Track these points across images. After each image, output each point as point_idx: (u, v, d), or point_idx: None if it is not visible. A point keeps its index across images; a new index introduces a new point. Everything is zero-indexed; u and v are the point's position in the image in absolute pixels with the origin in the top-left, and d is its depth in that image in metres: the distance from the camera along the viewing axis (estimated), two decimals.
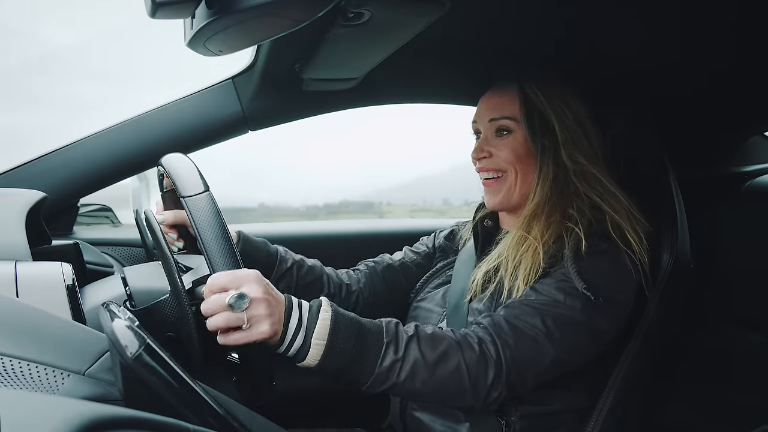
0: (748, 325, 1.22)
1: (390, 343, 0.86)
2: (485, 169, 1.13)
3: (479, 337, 0.92)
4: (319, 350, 0.82)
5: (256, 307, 0.79)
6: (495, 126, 1.12)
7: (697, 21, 1.03)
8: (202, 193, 0.84)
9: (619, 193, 1.05)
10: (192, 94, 1.40)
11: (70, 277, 0.88)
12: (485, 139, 1.13)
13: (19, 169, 1.33)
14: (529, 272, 1.00)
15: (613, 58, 1.23)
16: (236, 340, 0.79)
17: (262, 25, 0.71)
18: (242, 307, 0.78)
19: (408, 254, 1.35)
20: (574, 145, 1.07)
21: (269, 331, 0.80)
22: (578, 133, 1.08)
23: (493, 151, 1.12)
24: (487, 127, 1.13)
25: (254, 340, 0.80)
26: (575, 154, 1.07)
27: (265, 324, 0.79)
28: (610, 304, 0.97)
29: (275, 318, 0.81)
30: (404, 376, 0.86)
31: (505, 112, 1.11)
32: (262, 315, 0.79)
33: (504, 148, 1.11)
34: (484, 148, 1.12)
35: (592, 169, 1.07)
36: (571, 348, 0.96)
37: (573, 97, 1.10)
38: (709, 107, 1.36)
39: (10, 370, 0.60)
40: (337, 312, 0.86)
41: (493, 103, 1.13)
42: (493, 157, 1.12)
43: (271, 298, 0.81)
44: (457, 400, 0.92)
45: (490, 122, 1.12)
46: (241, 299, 0.78)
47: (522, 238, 1.05)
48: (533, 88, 1.09)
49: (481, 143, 1.14)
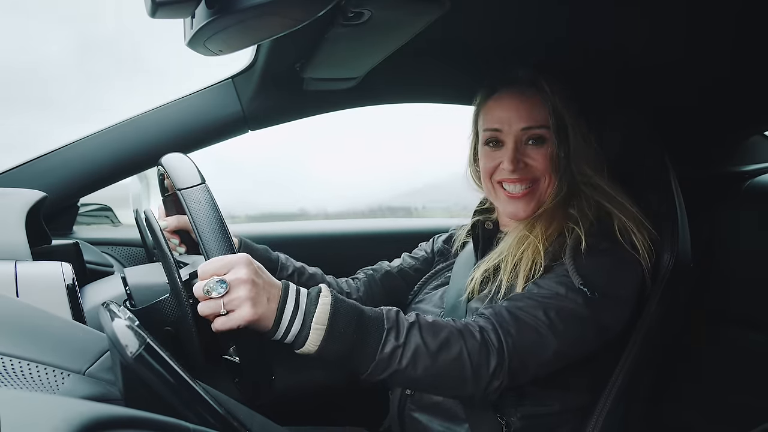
0: (748, 325, 1.22)
1: (391, 329, 0.85)
2: (520, 180, 1.08)
3: (480, 326, 0.92)
4: (318, 335, 0.81)
5: (236, 291, 0.78)
6: (528, 135, 1.07)
7: (699, 21, 1.04)
8: (198, 185, 0.84)
9: (624, 200, 1.05)
10: (192, 93, 1.40)
11: (70, 276, 0.88)
12: (517, 149, 1.07)
13: (19, 169, 1.34)
14: (530, 269, 1.00)
15: (615, 58, 1.23)
16: (220, 326, 0.78)
17: (262, 24, 0.71)
18: (220, 292, 0.77)
19: (406, 260, 1.36)
20: (584, 155, 1.07)
21: (252, 314, 0.78)
22: (589, 143, 1.09)
23: (528, 161, 1.08)
24: (518, 136, 1.08)
25: (237, 325, 0.78)
26: (583, 166, 1.07)
27: (246, 307, 0.77)
28: (610, 300, 0.97)
29: (260, 300, 0.79)
30: (406, 363, 0.85)
31: (539, 120, 1.06)
32: (243, 297, 0.78)
33: (539, 157, 1.07)
34: (521, 159, 1.07)
35: (599, 181, 1.07)
36: (574, 340, 0.95)
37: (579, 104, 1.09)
38: (710, 107, 1.36)
39: (10, 370, 0.60)
40: (337, 297, 0.85)
41: (525, 110, 1.07)
42: (528, 167, 1.08)
43: (260, 281, 0.80)
44: (458, 388, 0.90)
45: (524, 131, 1.07)
46: (219, 285, 0.77)
47: (523, 237, 1.05)
48: (555, 98, 1.06)
49: (514, 154, 1.07)
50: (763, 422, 0.90)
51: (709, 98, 1.33)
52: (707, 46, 1.13)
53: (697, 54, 1.17)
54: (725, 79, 1.25)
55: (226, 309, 0.78)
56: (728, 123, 1.41)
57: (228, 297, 0.78)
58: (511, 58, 1.27)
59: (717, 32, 1.07)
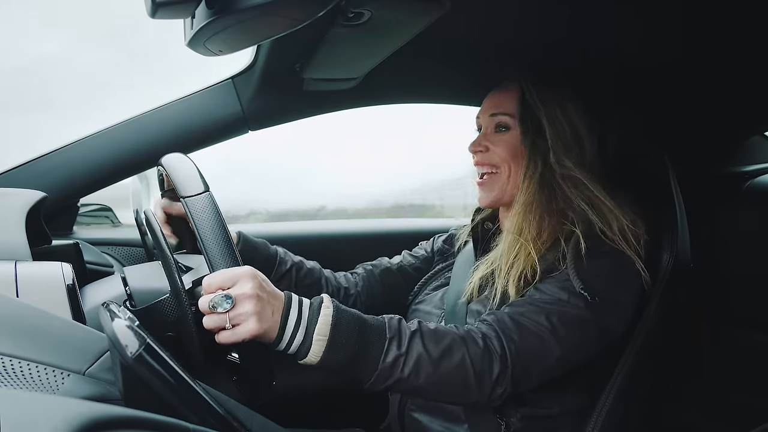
0: (748, 325, 1.22)
1: (393, 338, 0.85)
2: (481, 164, 1.15)
3: (483, 333, 0.91)
4: (320, 346, 0.82)
5: (241, 306, 0.78)
6: (494, 121, 1.14)
7: (698, 20, 1.04)
8: (202, 193, 0.84)
9: (606, 199, 1.04)
10: (192, 93, 1.40)
11: (70, 277, 0.88)
12: (484, 134, 1.15)
13: (19, 169, 1.33)
14: (522, 277, 0.99)
15: (614, 58, 1.23)
16: (224, 339, 0.79)
17: (262, 25, 0.71)
18: (226, 307, 0.77)
19: (407, 258, 1.36)
20: (563, 149, 1.07)
21: (257, 328, 0.78)
22: (569, 138, 1.08)
23: (490, 146, 1.13)
24: (487, 122, 1.15)
25: (242, 339, 0.79)
26: (563, 159, 1.07)
27: (252, 321, 0.78)
28: (611, 304, 0.97)
29: (265, 315, 0.80)
30: (408, 372, 0.85)
31: (505, 108, 1.12)
32: (249, 312, 0.78)
33: (500, 144, 1.12)
34: (481, 142, 1.14)
35: (578, 174, 1.06)
36: (577, 346, 0.95)
37: (571, 102, 1.10)
38: (709, 107, 1.36)
39: (10, 370, 0.60)
40: (339, 308, 0.85)
41: (496, 99, 1.15)
42: (489, 152, 1.13)
43: (264, 295, 0.80)
44: (461, 396, 0.90)
45: (491, 117, 1.14)
46: (225, 300, 0.77)
47: (514, 242, 1.04)
48: (530, 89, 1.10)
49: (479, 137, 1.15)
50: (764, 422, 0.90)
51: (709, 98, 1.33)
52: (707, 45, 1.13)
53: (697, 53, 1.17)
54: (725, 78, 1.25)
55: (232, 324, 0.78)
56: (728, 123, 1.41)
57: (234, 312, 0.78)
58: (511, 59, 1.27)
59: (717, 31, 1.07)
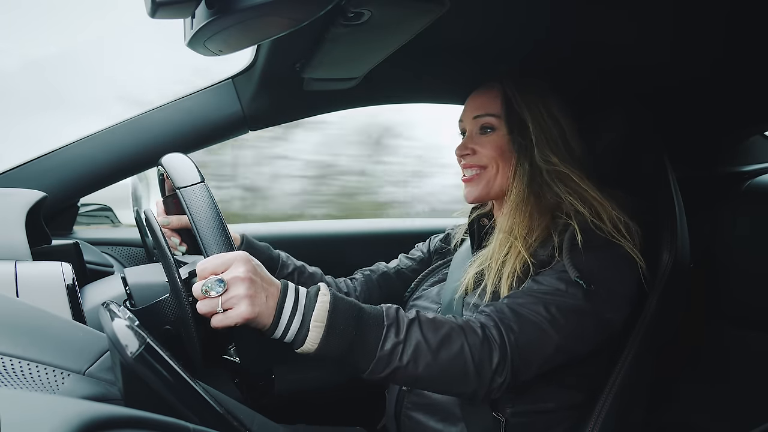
0: (748, 325, 1.22)
1: (391, 325, 0.85)
2: (469, 166, 1.15)
3: (482, 323, 0.91)
4: (318, 333, 0.81)
5: (234, 288, 0.78)
6: (479, 123, 1.14)
7: (698, 19, 1.04)
8: (197, 183, 0.85)
9: (596, 193, 1.04)
10: (192, 93, 1.40)
11: (70, 276, 0.88)
12: (470, 137, 1.16)
13: (19, 169, 1.33)
14: (512, 275, 1.00)
15: (611, 56, 1.23)
16: (217, 323, 0.78)
17: (262, 25, 0.71)
18: (218, 291, 0.77)
19: (403, 261, 1.37)
20: (548, 146, 1.08)
21: (249, 312, 0.78)
22: (554, 134, 1.09)
23: (477, 148, 1.13)
24: (472, 125, 1.15)
25: (234, 323, 0.78)
26: (549, 155, 1.07)
27: (243, 305, 0.78)
28: (607, 293, 0.97)
29: (258, 299, 0.79)
30: (407, 360, 0.84)
31: (489, 109, 1.13)
32: (240, 296, 0.78)
33: (487, 144, 1.12)
34: (468, 145, 1.14)
35: (564, 169, 1.06)
36: (575, 335, 0.95)
37: (553, 99, 1.11)
38: (709, 107, 1.37)
39: (10, 370, 0.60)
40: (336, 295, 0.85)
41: (478, 101, 1.15)
42: (476, 154, 1.13)
43: (258, 279, 0.80)
44: (461, 385, 0.89)
45: (475, 119, 1.14)
46: (218, 284, 0.77)
47: (504, 240, 1.05)
48: (512, 89, 1.10)
49: (465, 141, 1.16)
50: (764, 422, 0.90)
51: (710, 98, 1.34)
52: (706, 45, 1.13)
53: (697, 53, 1.17)
54: (725, 78, 1.25)
55: (224, 307, 0.78)
56: (728, 123, 1.41)
57: (226, 295, 0.78)
58: (507, 58, 1.27)
59: (716, 32, 1.07)
